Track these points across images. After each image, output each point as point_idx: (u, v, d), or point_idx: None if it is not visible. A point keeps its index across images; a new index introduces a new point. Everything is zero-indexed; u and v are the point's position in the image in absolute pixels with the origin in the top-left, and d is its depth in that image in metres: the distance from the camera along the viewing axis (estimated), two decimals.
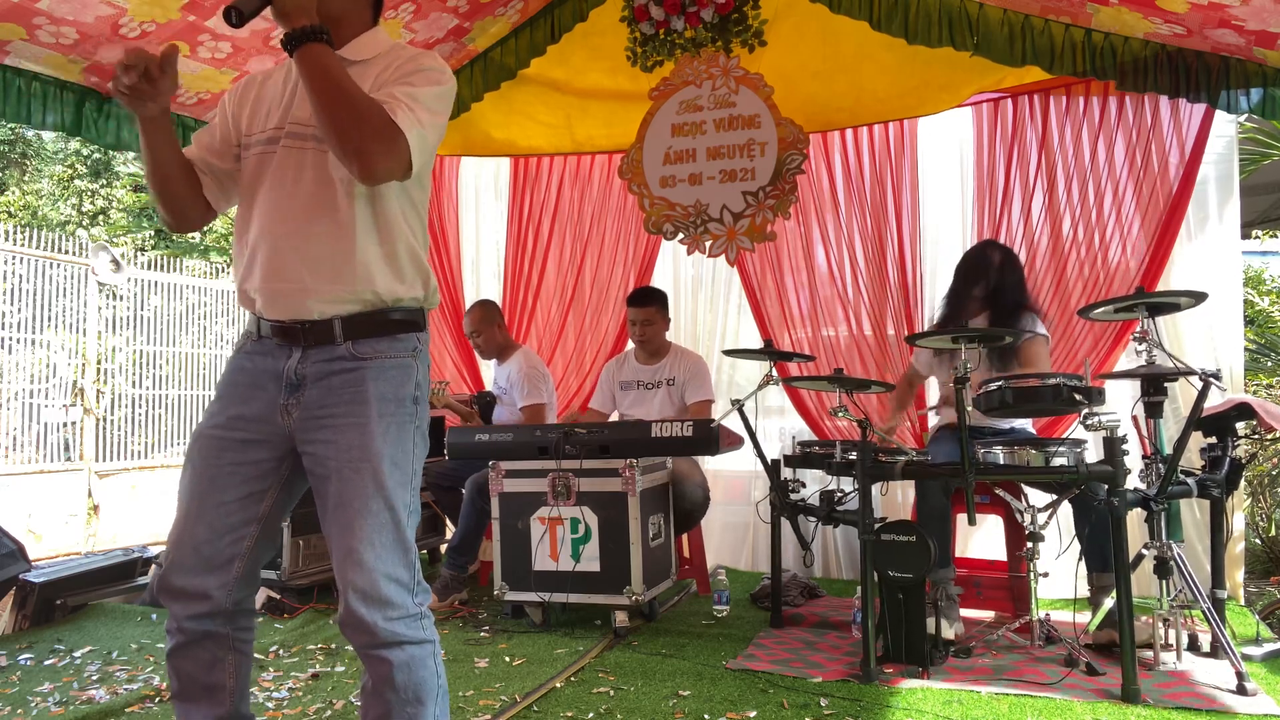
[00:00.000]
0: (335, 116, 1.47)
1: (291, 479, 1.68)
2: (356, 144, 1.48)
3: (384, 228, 1.62)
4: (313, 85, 1.48)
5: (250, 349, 1.68)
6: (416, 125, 1.53)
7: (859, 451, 2.82)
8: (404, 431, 1.62)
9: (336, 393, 1.59)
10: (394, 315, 1.64)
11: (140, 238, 12.24)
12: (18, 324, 6.40)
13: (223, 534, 1.62)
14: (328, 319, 1.60)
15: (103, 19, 3.33)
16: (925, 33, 3.76)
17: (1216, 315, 3.66)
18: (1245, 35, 3.18)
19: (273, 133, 1.65)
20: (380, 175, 1.53)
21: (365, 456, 1.56)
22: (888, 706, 2.50)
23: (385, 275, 1.62)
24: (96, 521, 6.44)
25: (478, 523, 3.75)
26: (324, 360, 1.61)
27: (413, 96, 1.55)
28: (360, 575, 1.53)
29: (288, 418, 1.61)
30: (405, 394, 1.63)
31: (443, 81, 1.63)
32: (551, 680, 2.74)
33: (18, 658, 3.12)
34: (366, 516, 1.55)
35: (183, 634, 1.63)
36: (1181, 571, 2.75)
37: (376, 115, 1.48)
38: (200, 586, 1.61)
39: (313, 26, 1.48)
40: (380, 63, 1.65)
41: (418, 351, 1.68)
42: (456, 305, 5.01)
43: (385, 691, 1.56)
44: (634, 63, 4.44)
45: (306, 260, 1.59)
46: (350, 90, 1.47)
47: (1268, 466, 4.64)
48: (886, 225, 4.18)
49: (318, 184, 1.60)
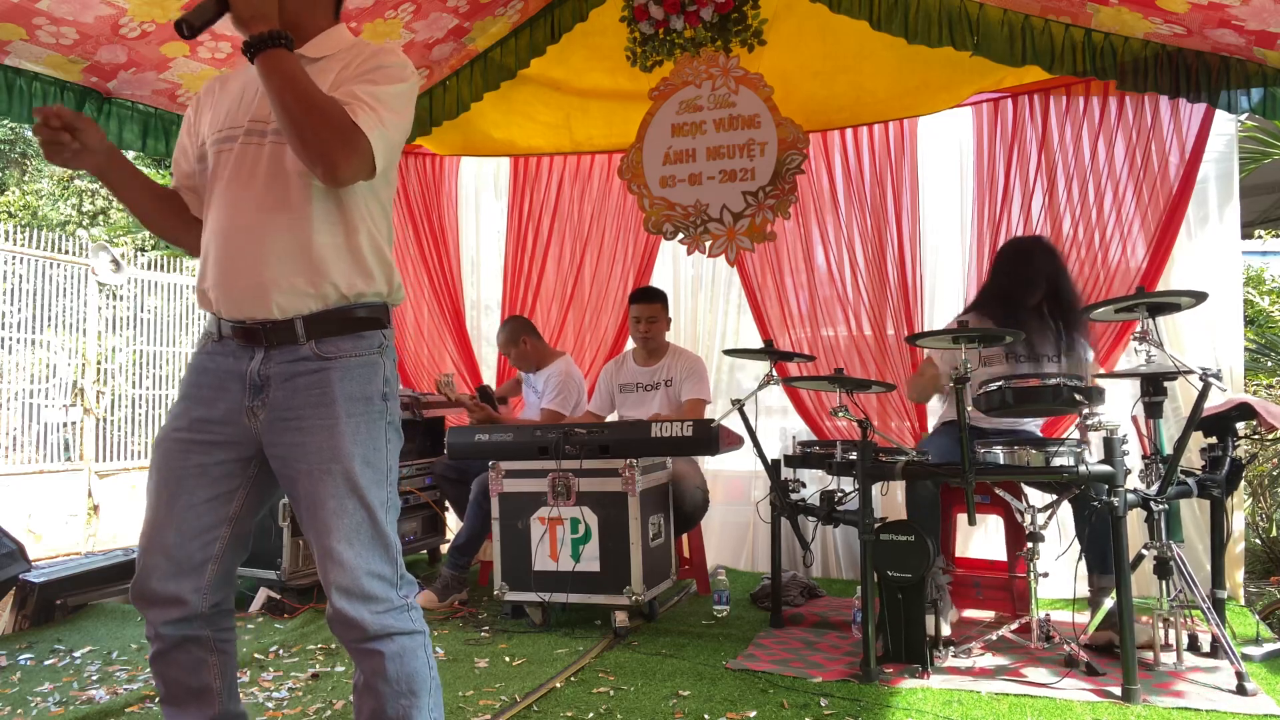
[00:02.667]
0: (298, 121, 1.46)
1: (260, 479, 1.66)
2: (320, 148, 1.47)
3: (344, 220, 1.60)
4: (274, 91, 1.47)
5: (211, 349, 1.66)
6: (378, 125, 1.52)
7: (859, 451, 2.82)
8: (374, 429, 1.60)
9: (303, 394, 1.57)
10: (358, 313, 1.62)
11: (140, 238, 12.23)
12: (18, 324, 6.40)
13: (192, 537, 1.60)
14: (289, 319, 1.58)
15: (103, 19, 3.32)
16: (925, 32, 3.76)
17: (1216, 315, 3.65)
18: (1245, 35, 3.18)
19: (230, 131, 1.63)
20: (345, 177, 1.53)
21: (335, 458, 1.55)
22: (888, 706, 2.50)
23: (344, 268, 1.60)
24: (96, 521, 6.44)
25: (483, 525, 3.73)
26: (288, 361, 1.59)
27: (374, 96, 1.54)
28: (341, 574, 1.53)
29: (254, 420, 1.60)
30: (373, 391, 1.62)
31: (405, 78, 1.62)
32: (551, 680, 2.74)
33: (18, 658, 3.12)
34: (342, 516, 1.54)
35: (161, 640, 1.62)
36: (1181, 571, 2.75)
37: (338, 118, 1.48)
38: (174, 591, 1.60)
39: (272, 32, 1.48)
40: (340, 60, 1.63)
41: (384, 347, 1.66)
42: (457, 305, 5.01)
43: (378, 684, 1.56)
44: (634, 63, 4.44)
45: (262, 254, 1.56)
46: (312, 94, 1.47)
47: (1268, 466, 4.64)
48: (886, 225, 4.17)
49: (274, 177, 1.58)
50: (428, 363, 5.04)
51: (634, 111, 4.39)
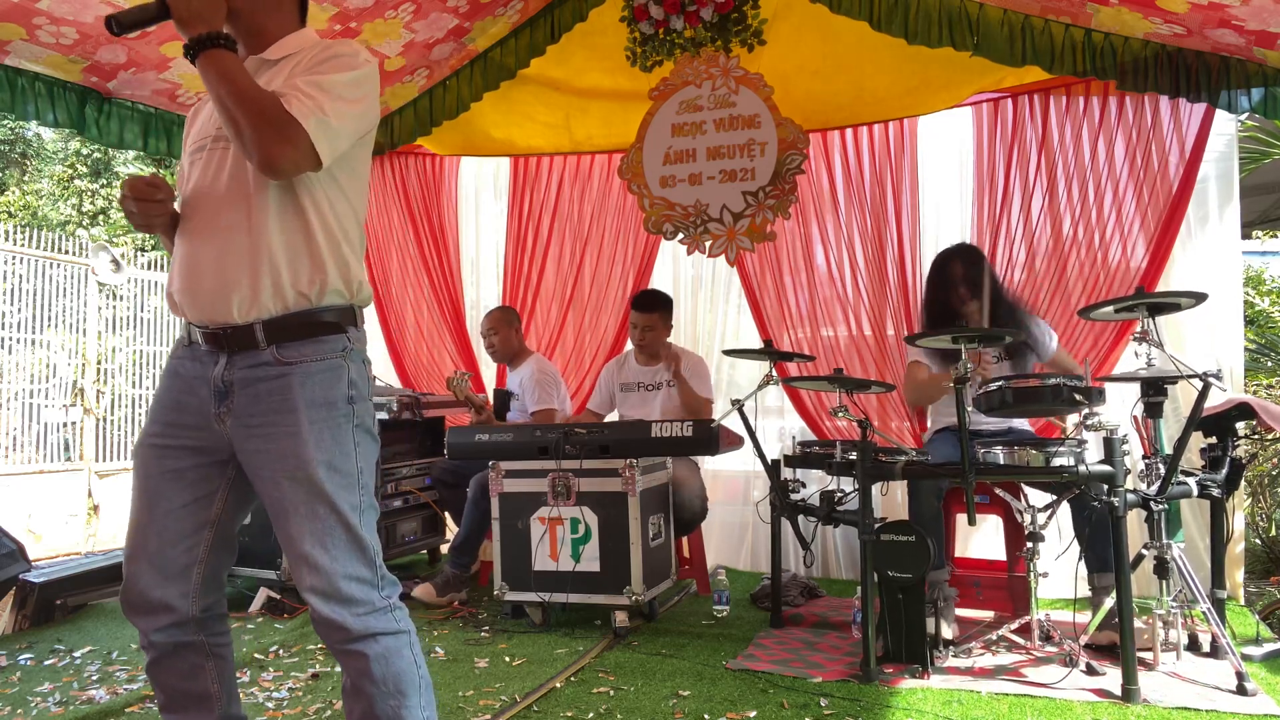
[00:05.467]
0: (234, 117, 1.47)
1: (239, 480, 1.66)
2: (255, 140, 1.47)
3: (302, 220, 1.59)
4: (212, 89, 1.48)
5: (181, 354, 1.66)
6: (315, 113, 1.50)
7: (859, 451, 2.82)
8: (339, 433, 1.58)
9: (264, 400, 1.57)
10: (323, 316, 1.60)
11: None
12: (18, 324, 6.40)
13: (175, 542, 1.60)
14: (249, 323, 1.57)
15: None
16: (925, 33, 3.76)
17: (1216, 315, 3.65)
18: (1245, 35, 3.18)
19: (202, 140, 1.65)
20: (282, 168, 1.51)
21: (300, 465, 1.54)
22: (888, 706, 2.50)
23: (303, 269, 1.58)
24: (96, 521, 6.44)
25: (480, 523, 3.74)
26: (249, 366, 1.58)
27: (316, 85, 1.52)
28: (316, 578, 1.53)
29: (222, 425, 1.59)
30: (336, 395, 1.59)
31: (355, 66, 1.60)
32: (551, 680, 2.74)
33: (18, 658, 3.12)
34: (313, 521, 1.54)
35: (155, 649, 1.62)
36: (1181, 571, 2.75)
37: (272, 109, 1.47)
38: (160, 598, 1.59)
39: (210, 34, 1.49)
40: (296, 58, 1.63)
41: (348, 351, 1.63)
42: (456, 305, 5.01)
43: (365, 685, 1.55)
44: (634, 62, 4.44)
45: (222, 257, 1.56)
46: (246, 88, 1.47)
47: (1268, 466, 4.64)
48: (886, 225, 4.17)
49: (234, 180, 1.58)
50: (427, 363, 5.03)
51: (634, 111, 4.38)
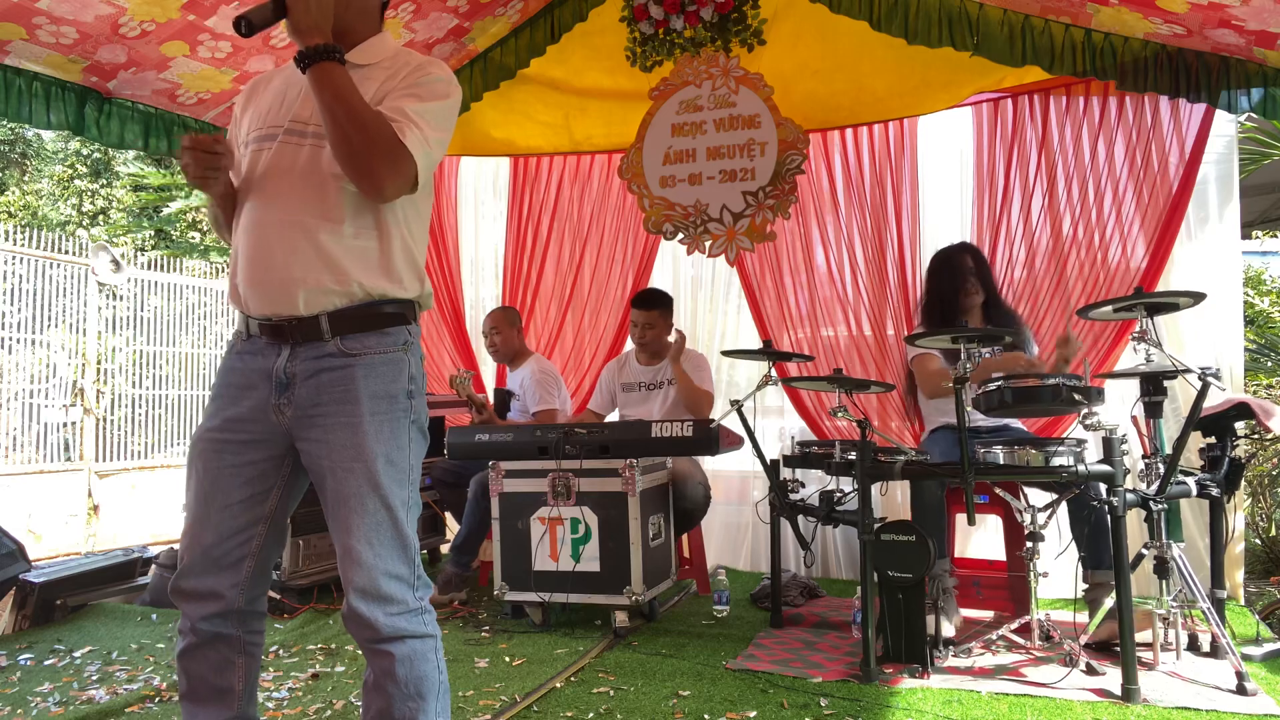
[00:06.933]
0: (347, 137, 1.49)
1: (294, 476, 1.69)
2: (367, 165, 1.50)
3: (379, 227, 1.62)
4: (325, 105, 1.50)
5: (241, 348, 1.67)
6: (424, 145, 1.55)
7: (858, 451, 2.82)
8: (398, 427, 1.61)
9: (326, 390, 1.59)
10: (385, 309, 1.63)
11: (140, 238, 12.24)
12: (18, 324, 6.40)
13: (230, 536, 1.63)
14: (314, 315, 1.59)
15: (102, 19, 3.32)
16: (925, 33, 3.76)
17: (1216, 315, 3.65)
18: (1245, 35, 3.18)
19: (270, 130, 1.65)
20: (388, 195, 1.56)
21: (358, 456, 1.56)
22: (887, 706, 2.50)
23: (374, 270, 1.61)
24: (96, 521, 6.44)
25: (481, 522, 3.74)
26: (313, 358, 1.60)
27: (421, 114, 1.57)
28: (359, 573, 1.55)
29: (281, 416, 1.61)
30: (398, 389, 1.63)
31: (450, 94, 1.65)
32: (551, 680, 2.74)
33: (18, 658, 3.12)
34: (363, 515, 1.56)
35: (195, 635, 1.64)
36: (1181, 571, 2.75)
37: (386, 138, 1.50)
38: (212, 587, 1.62)
39: (325, 46, 1.51)
40: (385, 69, 1.65)
41: (409, 345, 1.67)
42: (456, 305, 5.01)
43: (387, 685, 1.57)
44: (633, 62, 4.44)
45: (292, 251, 1.58)
46: (361, 111, 1.49)
47: (1268, 466, 4.64)
48: (886, 225, 4.17)
49: (310, 178, 1.59)
50: (427, 362, 5.03)
51: (634, 111, 4.38)
